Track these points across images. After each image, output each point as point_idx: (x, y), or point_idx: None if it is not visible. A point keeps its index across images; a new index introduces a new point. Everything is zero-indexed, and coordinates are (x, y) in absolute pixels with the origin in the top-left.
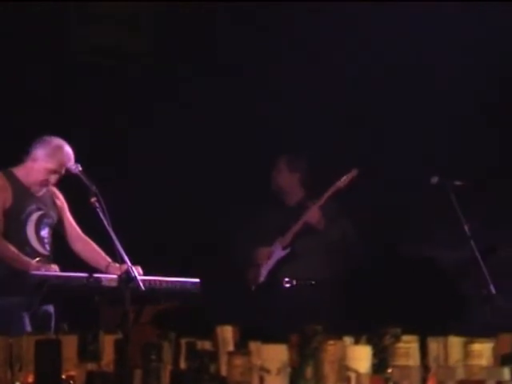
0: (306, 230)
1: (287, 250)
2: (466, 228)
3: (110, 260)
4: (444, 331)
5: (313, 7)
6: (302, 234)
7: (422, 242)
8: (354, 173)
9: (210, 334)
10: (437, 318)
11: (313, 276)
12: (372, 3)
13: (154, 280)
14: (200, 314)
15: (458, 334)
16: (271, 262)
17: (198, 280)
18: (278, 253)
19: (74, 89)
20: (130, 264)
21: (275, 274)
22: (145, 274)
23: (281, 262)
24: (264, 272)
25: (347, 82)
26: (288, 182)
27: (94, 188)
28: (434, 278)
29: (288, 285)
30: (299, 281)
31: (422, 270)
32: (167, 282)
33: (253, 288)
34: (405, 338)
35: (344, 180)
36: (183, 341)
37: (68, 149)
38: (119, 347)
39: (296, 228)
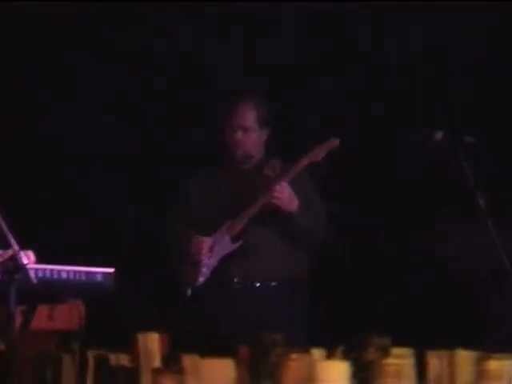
0: (265, 213)
1: (238, 243)
2: (481, 203)
3: None
4: (449, 343)
5: None
6: (260, 217)
7: (421, 224)
8: (333, 143)
9: (127, 345)
10: (440, 325)
11: (273, 275)
12: None
13: (51, 269)
14: (114, 317)
15: (468, 347)
16: (215, 258)
17: (111, 270)
18: (225, 245)
19: None
20: (17, 248)
21: (220, 272)
22: (39, 262)
23: (229, 258)
24: (205, 270)
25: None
26: (258, 144)
27: None
28: (434, 271)
29: (239, 286)
30: (254, 281)
31: (419, 260)
32: (69, 271)
33: (188, 292)
34: (396, 351)
35: (320, 151)
36: (91, 353)
37: None
38: (2, 361)
39: (252, 210)
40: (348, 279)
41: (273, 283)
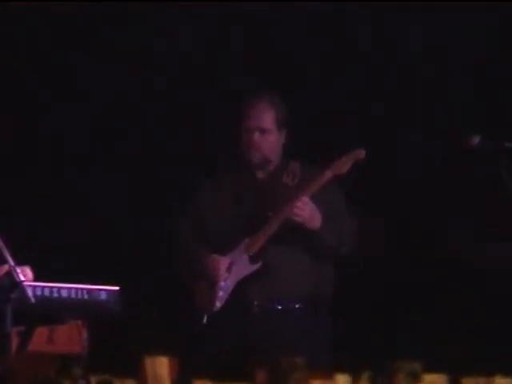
0: (286, 229)
1: (258, 264)
2: None
3: None
4: (487, 369)
5: None
6: (281, 234)
7: (457, 236)
8: (358, 154)
9: (134, 369)
10: (477, 348)
11: (296, 296)
12: None
13: (50, 287)
14: (120, 339)
15: (507, 373)
16: (233, 280)
17: (116, 288)
18: (244, 266)
19: None
20: (13, 264)
21: (239, 295)
22: (37, 279)
23: (247, 279)
24: (222, 294)
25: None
26: (276, 147)
27: None
28: (471, 290)
29: (259, 310)
30: (276, 304)
31: (453, 278)
32: (70, 289)
33: (204, 319)
34: (428, 377)
35: (344, 162)
36: (94, 379)
37: None
38: None
39: (272, 227)
40: (375, 298)
41: (296, 305)
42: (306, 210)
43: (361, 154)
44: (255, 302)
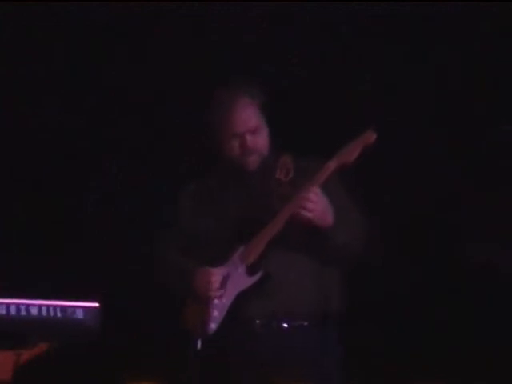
0: (288, 231)
1: (258, 275)
2: None
3: None
4: None
5: None
6: (282, 238)
7: (485, 239)
8: (369, 137)
9: None
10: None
11: (304, 311)
12: None
13: (17, 304)
14: (99, 363)
15: None
16: (229, 297)
17: (95, 305)
18: (241, 279)
19: None
20: None
21: (237, 312)
22: (1, 295)
23: (246, 293)
24: (217, 314)
25: None
26: (268, 138)
27: None
28: (503, 301)
29: (262, 329)
30: (281, 321)
31: (482, 289)
32: (40, 307)
33: (198, 345)
34: None
35: (353, 149)
36: None
37: None
38: None
39: (271, 230)
40: (393, 313)
41: (304, 323)
42: (319, 204)
43: (371, 137)
44: (257, 320)
